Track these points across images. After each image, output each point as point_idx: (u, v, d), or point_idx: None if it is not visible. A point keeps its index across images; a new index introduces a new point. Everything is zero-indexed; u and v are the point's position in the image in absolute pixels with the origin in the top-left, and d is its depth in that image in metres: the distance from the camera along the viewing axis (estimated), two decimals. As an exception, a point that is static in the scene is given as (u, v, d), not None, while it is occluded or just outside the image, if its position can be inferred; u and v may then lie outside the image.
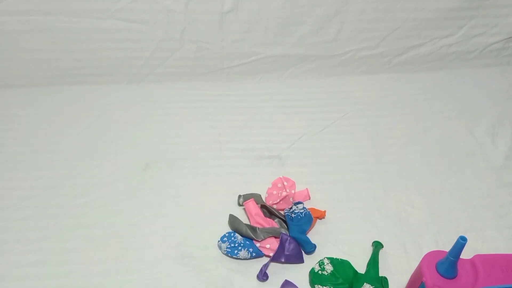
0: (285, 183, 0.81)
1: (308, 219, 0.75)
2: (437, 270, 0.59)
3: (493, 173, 0.88)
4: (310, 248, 0.72)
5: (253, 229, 0.74)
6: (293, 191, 0.82)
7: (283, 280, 0.69)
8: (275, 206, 0.79)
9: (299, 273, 0.71)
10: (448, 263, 0.58)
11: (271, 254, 0.71)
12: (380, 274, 0.69)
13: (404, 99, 1.04)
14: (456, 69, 1.12)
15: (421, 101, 1.04)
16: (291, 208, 0.78)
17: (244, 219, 0.78)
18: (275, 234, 0.73)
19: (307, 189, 0.83)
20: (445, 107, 1.03)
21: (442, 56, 1.11)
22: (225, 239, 0.73)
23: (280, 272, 0.71)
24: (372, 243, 0.74)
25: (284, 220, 0.76)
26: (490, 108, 1.02)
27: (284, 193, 0.79)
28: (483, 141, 0.94)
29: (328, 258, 0.71)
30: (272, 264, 0.72)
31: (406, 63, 1.11)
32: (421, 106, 1.03)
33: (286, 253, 0.71)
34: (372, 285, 0.67)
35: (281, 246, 0.71)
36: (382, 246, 0.74)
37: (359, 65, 1.10)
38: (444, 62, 1.11)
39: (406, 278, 0.68)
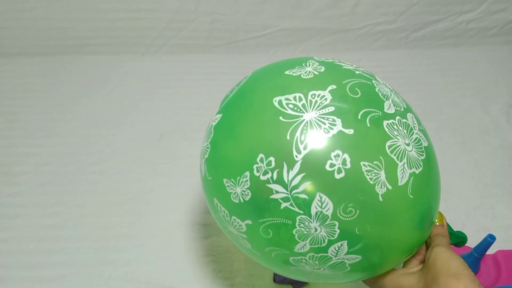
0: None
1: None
2: None
3: (506, 152, 0.88)
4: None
5: (263, 199, 0.75)
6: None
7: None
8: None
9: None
10: (472, 260, 0.56)
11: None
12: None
13: (420, 76, 1.03)
14: (475, 46, 1.09)
15: (437, 77, 1.03)
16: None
17: (255, 190, 0.79)
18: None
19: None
20: (461, 85, 1.01)
21: (461, 32, 1.08)
22: (236, 208, 0.74)
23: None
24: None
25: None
26: (507, 87, 1.00)
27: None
28: (497, 120, 0.93)
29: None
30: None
31: (423, 39, 1.09)
32: (436, 83, 1.02)
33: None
34: None
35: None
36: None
37: (375, 40, 1.08)
38: (462, 39, 1.09)
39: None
